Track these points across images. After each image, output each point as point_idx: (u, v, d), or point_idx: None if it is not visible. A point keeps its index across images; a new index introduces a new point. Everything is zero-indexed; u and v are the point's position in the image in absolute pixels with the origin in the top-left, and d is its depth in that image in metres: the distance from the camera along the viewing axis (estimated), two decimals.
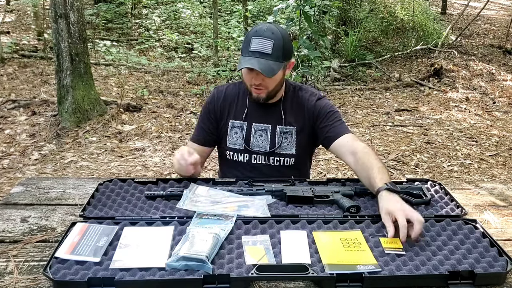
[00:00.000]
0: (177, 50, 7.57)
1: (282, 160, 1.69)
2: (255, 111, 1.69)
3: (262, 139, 1.68)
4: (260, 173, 1.70)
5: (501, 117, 5.36)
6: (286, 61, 1.57)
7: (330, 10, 5.30)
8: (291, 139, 1.68)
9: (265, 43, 1.49)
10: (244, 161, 1.70)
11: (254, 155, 1.69)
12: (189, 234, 1.16)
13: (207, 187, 1.47)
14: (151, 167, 3.68)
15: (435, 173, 3.76)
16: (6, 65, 6.11)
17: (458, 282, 1.06)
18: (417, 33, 7.76)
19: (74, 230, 1.20)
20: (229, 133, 1.71)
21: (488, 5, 9.70)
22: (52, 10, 4.22)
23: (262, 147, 1.68)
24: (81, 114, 4.43)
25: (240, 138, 1.69)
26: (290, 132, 1.68)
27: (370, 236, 1.23)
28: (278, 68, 1.52)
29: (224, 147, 1.73)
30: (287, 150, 1.68)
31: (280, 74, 1.56)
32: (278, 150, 1.68)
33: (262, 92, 1.59)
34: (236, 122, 1.70)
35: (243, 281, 1.04)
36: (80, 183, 1.57)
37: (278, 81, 1.59)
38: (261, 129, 1.68)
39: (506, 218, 1.42)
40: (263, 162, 1.69)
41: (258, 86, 1.57)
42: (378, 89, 6.25)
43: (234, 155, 1.71)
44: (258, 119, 1.69)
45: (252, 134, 1.69)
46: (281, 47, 1.51)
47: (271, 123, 1.68)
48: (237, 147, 1.70)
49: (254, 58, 1.49)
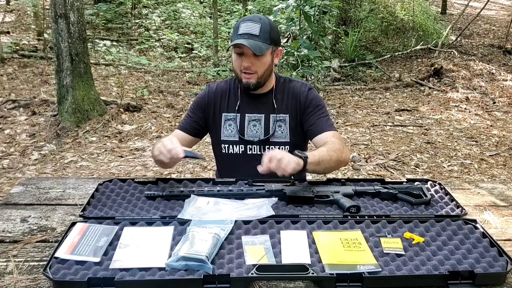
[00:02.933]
0: (177, 50, 7.57)
1: (277, 148, 1.71)
2: (247, 102, 1.73)
3: (256, 128, 1.72)
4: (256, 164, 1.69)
5: (501, 117, 5.36)
6: (273, 45, 1.62)
7: (330, 10, 5.30)
8: (284, 127, 1.72)
9: (252, 25, 1.57)
10: (239, 153, 1.73)
11: (249, 145, 1.72)
12: (189, 234, 1.16)
13: (206, 198, 1.41)
14: (151, 167, 3.68)
15: (435, 173, 3.75)
16: (6, 65, 6.11)
17: (458, 282, 1.06)
18: (417, 33, 7.76)
19: (74, 230, 1.20)
20: (223, 126, 1.74)
21: (488, 5, 9.70)
22: (52, 10, 4.22)
23: (257, 136, 1.72)
24: (81, 114, 4.43)
25: (235, 130, 1.72)
26: (284, 120, 1.72)
27: (370, 236, 1.23)
28: (266, 48, 1.58)
29: (219, 141, 1.76)
30: (282, 138, 1.72)
31: (268, 58, 1.62)
32: (272, 138, 1.71)
33: (251, 77, 1.63)
34: (229, 115, 1.74)
35: (243, 281, 1.04)
36: (80, 183, 1.57)
37: (267, 66, 1.63)
38: (254, 119, 1.72)
39: (506, 218, 1.42)
40: (258, 152, 1.72)
41: (247, 70, 1.61)
42: (378, 89, 6.25)
43: (230, 148, 1.74)
44: (251, 109, 1.73)
45: (246, 124, 1.72)
46: (268, 30, 1.59)
47: (264, 113, 1.72)
48: (232, 138, 1.73)
49: (242, 39, 1.55)
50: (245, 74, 1.62)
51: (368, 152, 4.11)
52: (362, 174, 3.66)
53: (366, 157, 3.99)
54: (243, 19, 1.63)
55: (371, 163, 3.87)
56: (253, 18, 1.61)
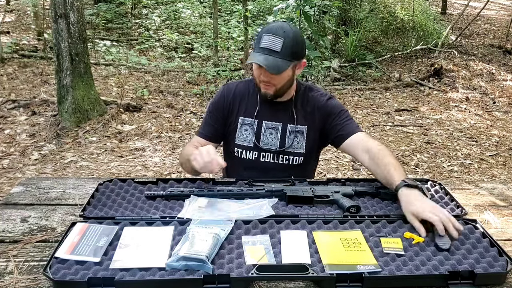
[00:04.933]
0: (177, 50, 7.57)
1: (291, 158, 1.69)
2: (266, 109, 1.69)
3: (272, 137, 1.69)
4: (267, 172, 1.69)
5: (501, 117, 5.36)
6: (295, 60, 1.56)
7: (330, 10, 5.30)
8: (301, 138, 1.69)
9: (275, 40, 1.50)
10: (252, 159, 1.70)
11: (263, 153, 1.69)
12: (189, 234, 1.16)
13: (206, 198, 1.41)
14: (151, 167, 3.68)
15: (435, 173, 3.76)
16: (6, 65, 6.11)
17: (458, 282, 1.06)
18: (417, 33, 7.76)
19: (74, 230, 1.20)
20: (239, 130, 1.70)
21: (488, 5, 9.70)
22: (52, 10, 4.22)
23: (272, 145, 1.69)
24: (81, 114, 4.43)
25: (251, 135, 1.69)
26: (301, 131, 1.69)
27: (370, 236, 1.23)
28: (285, 66, 1.52)
29: (232, 144, 1.72)
30: (297, 149, 1.69)
31: (288, 73, 1.56)
32: (288, 149, 1.68)
33: (269, 89, 1.60)
34: (247, 119, 1.70)
35: (243, 281, 1.04)
36: (80, 183, 1.57)
37: (287, 80, 1.59)
38: (271, 127, 1.69)
39: (506, 218, 1.42)
40: (271, 161, 1.69)
41: (266, 83, 1.58)
42: (378, 89, 6.25)
43: (243, 153, 1.70)
44: (269, 117, 1.69)
45: (263, 132, 1.69)
46: (291, 46, 1.51)
47: (282, 122, 1.69)
48: (246, 144, 1.69)
49: (262, 55, 1.50)
50: (263, 84, 1.60)
51: None
52: (362, 174, 3.66)
53: None
54: (268, 29, 1.53)
55: None
56: (277, 32, 1.50)
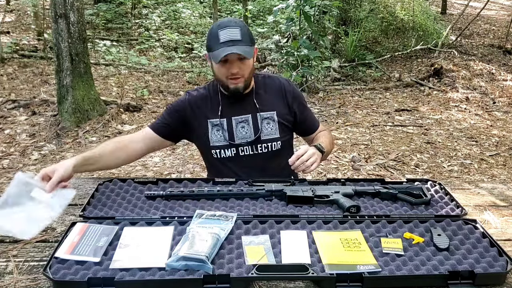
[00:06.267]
0: (177, 50, 7.57)
1: (269, 145, 1.71)
2: (230, 105, 1.72)
3: (245, 130, 1.71)
4: (248, 164, 1.71)
5: (501, 117, 5.36)
6: (253, 45, 1.63)
7: (330, 10, 5.31)
8: (273, 124, 1.72)
9: (233, 31, 1.55)
10: (232, 155, 1.71)
11: (241, 147, 1.71)
12: (189, 234, 1.16)
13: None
14: (151, 167, 3.68)
15: (435, 173, 3.76)
16: (6, 65, 6.11)
17: (458, 282, 1.06)
18: (417, 33, 7.75)
19: (74, 230, 1.20)
20: (211, 133, 1.71)
21: (488, 5, 9.70)
22: (52, 10, 4.22)
23: (247, 137, 1.70)
24: (81, 114, 4.43)
25: (223, 134, 1.70)
26: (271, 117, 1.72)
27: (370, 236, 1.23)
28: (251, 50, 1.59)
29: (208, 147, 1.73)
30: (272, 135, 1.72)
31: (252, 59, 1.63)
32: (263, 137, 1.71)
33: (239, 81, 1.62)
34: (215, 121, 1.71)
35: (243, 281, 1.04)
36: (80, 183, 1.57)
37: (251, 67, 1.65)
38: (242, 121, 1.71)
39: (506, 218, 1.42)
40: (250, 153, 1.71)
41: (235, 75, 1.60)
42: (378, 89, 6.25)
43: (221, 152, 1.72)
44: (236, 112, 1.71)
45: (234, 128, 1.71)
46: (247, 32, 1.59)
47: (250, 113, 1.72)
48: (221, 143, 1.71)
49: (228, 47, 1.53)
50: (232, 80, 1.61)
51: (368, 152, 4.11)
52: (362, 174, 3.66)
53: (366, 157, 3.99)
54: (219, 25, 1.57)
55: (371, 163, 3.87)
56: (230, 24, 1.56)
